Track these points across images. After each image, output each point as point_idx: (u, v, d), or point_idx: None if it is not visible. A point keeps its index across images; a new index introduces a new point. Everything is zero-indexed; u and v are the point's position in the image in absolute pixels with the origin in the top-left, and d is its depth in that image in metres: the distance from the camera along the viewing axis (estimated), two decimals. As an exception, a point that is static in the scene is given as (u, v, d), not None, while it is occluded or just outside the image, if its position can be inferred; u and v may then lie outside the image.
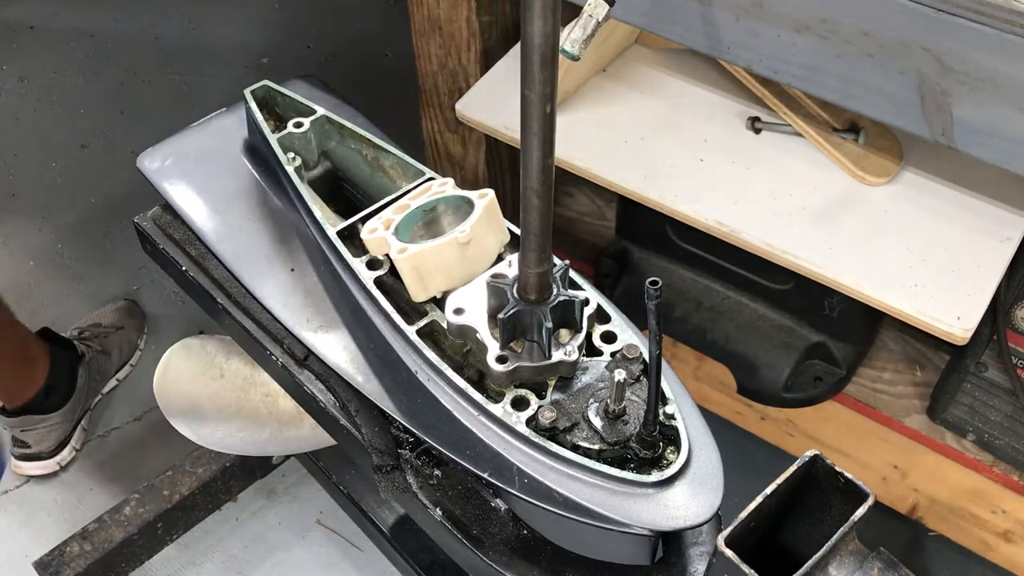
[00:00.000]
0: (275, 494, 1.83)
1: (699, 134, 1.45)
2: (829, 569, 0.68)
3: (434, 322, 0.87)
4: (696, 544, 0.84)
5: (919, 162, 1.39)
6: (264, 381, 1.18)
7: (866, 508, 0.68)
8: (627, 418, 0.78)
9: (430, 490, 0.89)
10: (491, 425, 0.80)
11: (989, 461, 1.57)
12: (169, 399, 1.23)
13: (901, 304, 1.23)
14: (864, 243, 1.29)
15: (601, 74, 1.55)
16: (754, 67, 1.16)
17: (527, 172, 0.71)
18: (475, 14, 1.52)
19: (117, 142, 2.45)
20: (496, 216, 0.89)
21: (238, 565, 1.74)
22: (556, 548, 0.85)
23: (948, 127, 1.06)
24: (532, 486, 0.77)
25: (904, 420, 1.63)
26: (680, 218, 1.35)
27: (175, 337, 1.25)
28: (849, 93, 1.10)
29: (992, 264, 1.26)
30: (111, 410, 1.97)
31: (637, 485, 0.76)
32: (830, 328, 1.64)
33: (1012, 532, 1.59)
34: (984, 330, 1.40)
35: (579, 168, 1.40)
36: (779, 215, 1.33)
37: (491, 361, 0.80)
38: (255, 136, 1.06)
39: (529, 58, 0.64)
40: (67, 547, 1.55)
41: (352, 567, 1.73)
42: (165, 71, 2.65)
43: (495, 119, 1.45)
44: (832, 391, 1.67)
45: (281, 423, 1.19)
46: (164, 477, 1.62)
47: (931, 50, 1.01)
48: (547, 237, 0.75)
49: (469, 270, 0.87)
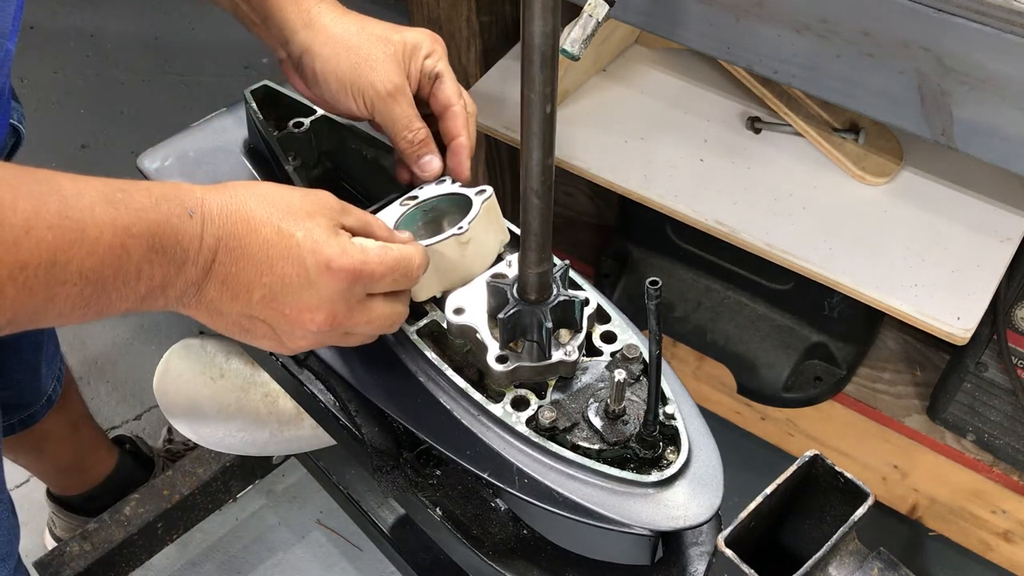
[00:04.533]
0: (275, 494, 1.83)
1: (699, 134, 1.45)
2: (829, 569, 0.68)
3: (434, 322, 0.87)
4: (696, 544, 0.84)
5: (919, 162, 1.39)
6: (264, 381, 1.18)
7: (866, 508, 0.68)
8: (627, 418, 0.78)
9: (430, 490, 0.89)
10: (491, 425, 0.80)
11: (989, 461, 1.57)
12: (169, 399, 1.23)
13: (901, 304, 1.23)
14: (864, 243, 1.29)
15: (601, 74, 1.55)
16: (754, 67, 1.16)
17: (527, 172, 0.71)
18: (475, 14, 1.52)
19: (117, 142, 2.45)
20: (495, 214, 0.89)
21: (238, 565, 1.74)
22: (556, 548, 0.85)
23: (948, 127, 1.06)
24: (532, 486, 0.77)
25: (904, 420, 1.63)
26: (680, 218, 1.35)
27: (175, 337, 1.25)
28: (849, 93, 1.10)
29: (992, 264, 1.26)
30: (111, 410, 1.98)
31: (637, 485, 0.76)
32: (830, 328, 1.64)
33: (1012, 532, 1.59)
34: (984, 330, 1.40)
35: (579, 168, 1.40)
36: (779, 215, 1.33)
37: (491, 361, 0.80)
38: (255, 136, 1.06)
39: (529, 58, 0.64)
40: (67, 547, 1.55)
41: (352, 567, 1.73)
42: (165, 71, 2.65)
43: (495, 119, 1.45)
44: (832, 391, 1.67)
45: (281, 423, 1.19)
46: (164, 477, 1.62)
47: (931, 50, 1.01)
48: (547, 237, 0.75)
49: (469, 269, 0.87)
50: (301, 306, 0.72)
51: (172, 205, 0.67)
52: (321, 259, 0.72)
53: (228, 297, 0.71)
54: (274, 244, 0.71)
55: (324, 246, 0.72)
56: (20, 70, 2.64)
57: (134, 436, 1.80)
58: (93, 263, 0.61)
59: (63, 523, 1.71)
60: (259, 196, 0.72)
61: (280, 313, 0.72)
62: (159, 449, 1.82)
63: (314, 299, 0.72)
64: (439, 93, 0.95)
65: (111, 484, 1.69)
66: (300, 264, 0.71)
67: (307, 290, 0.72)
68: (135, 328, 2.11)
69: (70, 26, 2.78)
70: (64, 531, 1.71)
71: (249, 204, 0.71)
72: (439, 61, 0.95)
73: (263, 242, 0.70)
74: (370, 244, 0.75)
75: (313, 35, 0.93)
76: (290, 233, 0.71)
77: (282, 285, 0.71)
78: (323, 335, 0.75)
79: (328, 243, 0.72)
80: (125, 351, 2.08)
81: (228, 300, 0.71)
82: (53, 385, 1.45)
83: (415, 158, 0.93)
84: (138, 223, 0.64)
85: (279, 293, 0.71)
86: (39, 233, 0.59)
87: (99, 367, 2.06)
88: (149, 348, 2.06)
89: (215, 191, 0.71)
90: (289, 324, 0.73)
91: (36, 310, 0.61)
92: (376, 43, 0.92)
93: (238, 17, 0.98)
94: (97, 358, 2.08)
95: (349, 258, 0.73)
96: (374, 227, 0.79)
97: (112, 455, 1.70)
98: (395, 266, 0.76)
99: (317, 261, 0.72)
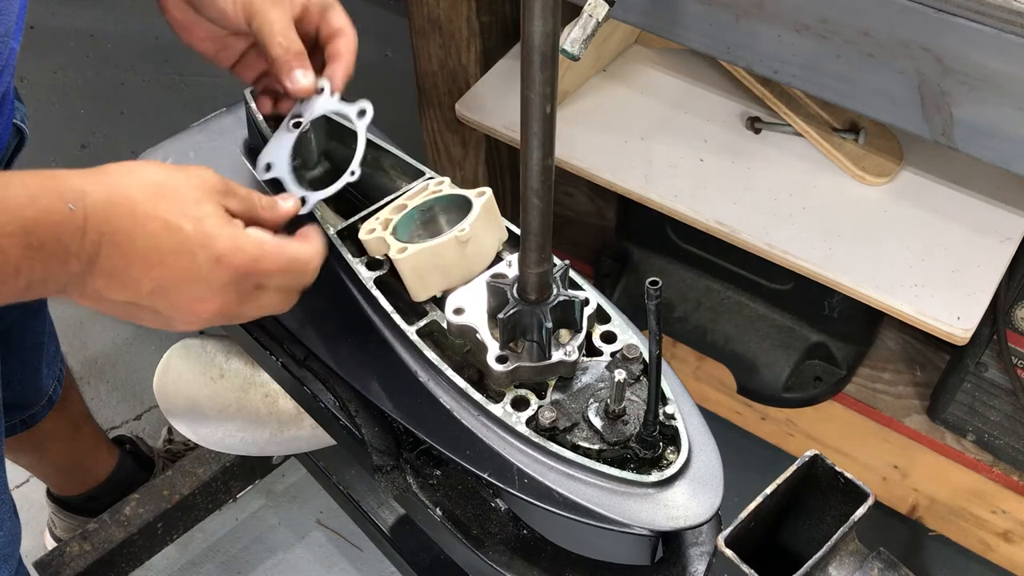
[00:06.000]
0: (275, 494, 1.83)
1: (699, 134, 1.45)
2: (829, 569, 0.68)
3: (434, 322, 0.87)
4: (696, 544, 0.84)
5: (919, 162, 1.39)
6: (264, 381, 1.18)
7: (866, 508, 0.68)
8: (627, 418, 0.78)
9: (430, 490, 0.89)
10: (491, 425, 0.80)
11: (989, 461, 1.57)
12: (169, 399, 1.23)
13: (901, 304, 1.23)
14: (864, 243, 1.29)
15: (601, 74, 1.55)
16: (754, 67, 1.16)
17: (527, 172, 0.71)
18: (475, 14, 1.52)
19: (117, 142, 2.45)
20: (494, 214, 0.89)
21: (238, 565, 1.74)
22: (556, 548, 0.85)
23: (948, 127, 1.06)
24: (532, 486, 0.77)
25: (904, 420, 1.63)
26: (680, 218, 1.35)
27: (175, 337, 1.25)
28: (849, 93, 1.10)
29: (992, 264, 1.26)
30: (111, 410, 1.98)
31: (637, 485, 0.76)
32: (830, 328, 1.64)
33: (1012, 532, 1.59)
34: (984, 330, 1.40)
35: (579, 168, 1.40)
36: (779, 215, 1.33)
37: (491, 361, 0.80)
38: (255, 136, 1.06)
39: (529, 58, 0.64)
40: (67, 547, 1.55)
41: (352, 567, 1.73)
42: (165, 71, 2.65)
43: (495, 119, 1.45)
44: (832, 391, 1.67)
45: (281, 423, 1.19)
46: (164, 477, 1.62)
47: (931, 50, 1.01)
48: (547, 237, 0.75)
49: (469, 269, 0.87)
50: (192, 297, 0.71)
51: (51, 199, 0.64)
52: (212, 254, 0.70)
53: (115, 288, 0.69)
54: (163, 238, 0.69)
55: (215, 240, 0.70)
56: (20, 70, 2.62)
57: (134, 436, 1.80)
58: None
59: (63, 523, 1.71)
60: (142, 185, 0.70)
61: (170, 303, 0.71)
62: (159, 449, 1.82)
63: (205, 291, 0.71)
64: (332, 20, 0.92)
65: (111, 484, 1.69)
66: (191, 258, 0.70)
67: (198, 283, 0.71)
68: (135, 328, 2.11)
69: (70, 26, 2.78)
70: (64, 531, 1.71)
71: (133, 195, 0.68)
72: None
73: (150, 235, 0.68)
74: (267, 239, 0.74)
75: None
76: (178, 227, 0.69)
77: (172, 279, 0.70)
78: (212, 320, 0.75)
79: (219, 236, 0.71)
80: (125, 351, 2.08)
81: (115, 290, 0.70)
82: (53, 385, 1.45)
83: (288, 68, 0.89)
84: (12, 222, 0.62)
85: (169, 287, 0.70)
86: None
87: (99, 367, 2.06)
88: (149, 348, 2.05)
89: (96, 180, 0.68)
90: (180, 312, 0.72)
91: None
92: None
93: None
94: (97, 358, 2.07)
95: (242, 254, 0.71)
96: (257, 208, 0.78)
97: (112, 455, 1.70)
98: (288, 266, 0.75)
99: (208, 256, 0.70)
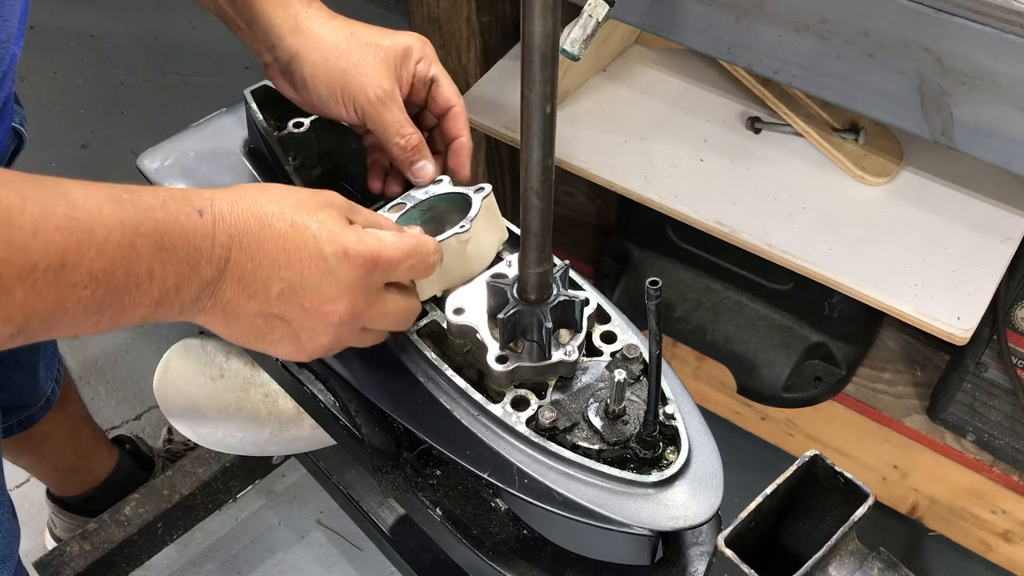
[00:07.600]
0: (275, 494, 1.83)
1: (699, 134, 1.45)
2: (829, 569, 0.68)
3: (434, 322, 0.87)
4: (696, 544, 0.84)
5: (919, 162, 1.39)
6: (264, 381, 1.18)
7: (866, 508, 0.68)
8: (627, 418, 0.78)
9: (430, 490, 0.89)
10: (491, 425, 0.80)
11: (989, 461, 1.57)
12: (169, 399, 1.23)
13: (901, 304, 1.23)
14: (864, 243, 1.29)
15: (601, 74, 1.55)
16: (754, 67, 1.16)
17: (527, 172, 0.71)
18: (475, 14, 1.52)
19: (117, 142, 2.45)
20: (494, 212, 0.89)
21: (238, 565, 1.75)
22: (556, 548, 0.85)
23: (948, 127, 1.06)
24: (532, 486, 0.77)
25: (904, 420, 1.63)
26: (680, 218, 1.35)
27: (175, 337, 1.25)
28: (849, 93, 1.11)
29: (992, 264, 1.26)
30: (111, 410, 1.98)
31: (637, 485, 0.76)
32: (830, 328, 1.64)
33: (1012, 532, 1.59)
34: (984, 330, 1.40)
35: (579, 168, 1.40)
36: (779, 215, 1.33)
37: (491, 361, 0.80)
38: (255, 136, 1.06)
39: (529, 58, 0.64)
40: (67, 547, 1.55)
41: (352, 567, 1.73)
42: (165, 71, 2.65)
43: (495, 119, 1.45)
44: (832, 391, 1.67)
45: (281, 423, 1.19)
46: (164, 477, 1.62)
47: (931, 50, 1.01)
48: (547, 237, 0.75)
49: (469, 268, 0.87)
50: (322, 297, 0.72)
51: (180, 205, 0.67)
52: (339, 247, 0.71)
53: (245, 296, 0.70)
54: (289, 237, 0.70)
55: (340, 235, 0.72)
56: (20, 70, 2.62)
57: (134, 436, 1.80)
58: (103, 264, 0.61)
59: (63, 523, 1.71)
60: (268, 194, 0.72)
61: (300, 307, 0.72)
62: (159, 449, 1.82)
63: (334, 289, 0.72)
64: (438, 96, 0.95)
65: (111, 484, 1.69)
66: (318, 254, 0.71)
67: (327, 280, 0.71)
68: (135, 328, 2.11)
69: (70, 26, 2.78)
70: (64, 531, 1.71)
71: (259, 201, 0.71)
72: (431, 64, 0.94)
73: (278, 236, 0.70)
74: (384, 232, 0.75)
75: (302, 40, 0.92)
76: (304, 225, 0.71)
77: (301, 277, 0.71)
78: (343, 329, 0.74)
79: (343, 232, 0.72)
80: (125, 351, 2.08)
81: (245, 299, 0.70)
82: (51, 386, 1.45)
83: (408, 164, 0.93)
84: (146, 222, 0.63)
85: (298, 286, 0.71)
86: (47, 235, 0.58)
87: (99, 367, 2.06)
88: (149, 348, 2.06)
89: (224, 191, 0.71)
90: (309, 319, 0.73)
91: (48, 315, 0.60)
92: (366, 49, 0.91)
93: (223, 19, 0.97)
94: (97, 358, 2.08)
95: (366, 245, 0.72)
96: (382, 223, 0.80)
97: (112, 455, 1.70)
98: (411, 252, 0.75)
99: (335, 250, 0.71)
